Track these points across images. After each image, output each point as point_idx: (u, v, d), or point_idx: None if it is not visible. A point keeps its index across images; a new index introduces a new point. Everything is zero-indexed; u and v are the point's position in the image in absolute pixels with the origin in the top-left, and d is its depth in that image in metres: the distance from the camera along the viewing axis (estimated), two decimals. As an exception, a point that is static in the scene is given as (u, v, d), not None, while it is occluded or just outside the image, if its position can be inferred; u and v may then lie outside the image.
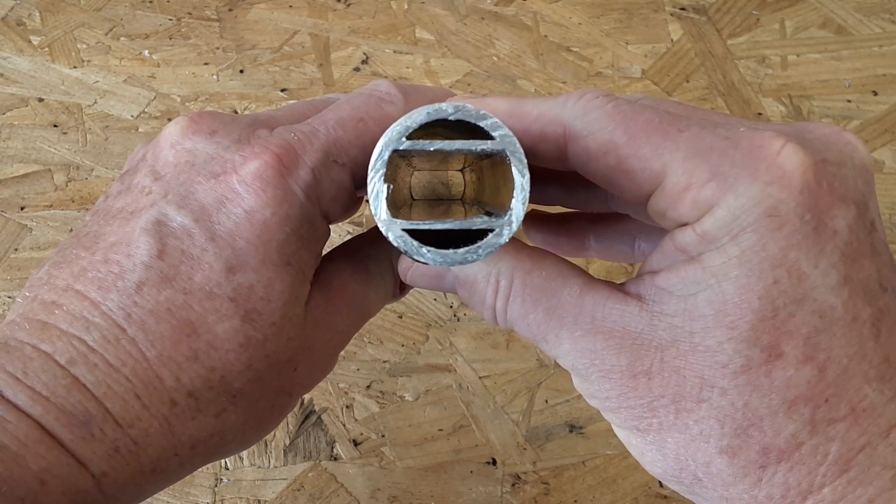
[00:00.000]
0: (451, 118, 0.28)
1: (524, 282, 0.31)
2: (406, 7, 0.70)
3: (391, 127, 0.28)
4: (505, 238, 0.28)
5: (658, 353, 0.28)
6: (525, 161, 0.27)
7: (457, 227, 0.28)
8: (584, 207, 0.40)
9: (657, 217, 0.30)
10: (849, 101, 0.67)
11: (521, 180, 0.27)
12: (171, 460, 0.30)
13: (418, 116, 0.28)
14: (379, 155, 0.28)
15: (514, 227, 0.28)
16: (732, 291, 0.27)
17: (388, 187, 0.28)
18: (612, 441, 0.54)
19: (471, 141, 0.28)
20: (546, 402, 0.55)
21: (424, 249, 0.28)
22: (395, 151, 0.28)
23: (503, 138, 0.28)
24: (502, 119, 0.31)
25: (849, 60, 0.69)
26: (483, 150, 0.28)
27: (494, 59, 0.68)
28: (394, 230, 0.28)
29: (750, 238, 0.26)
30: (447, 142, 0.28)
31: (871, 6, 0.71)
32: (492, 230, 0.28)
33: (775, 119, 0.66)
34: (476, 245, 0.28)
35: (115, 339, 0.29)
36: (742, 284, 0.27)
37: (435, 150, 0.28)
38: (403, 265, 0.36)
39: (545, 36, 0.70)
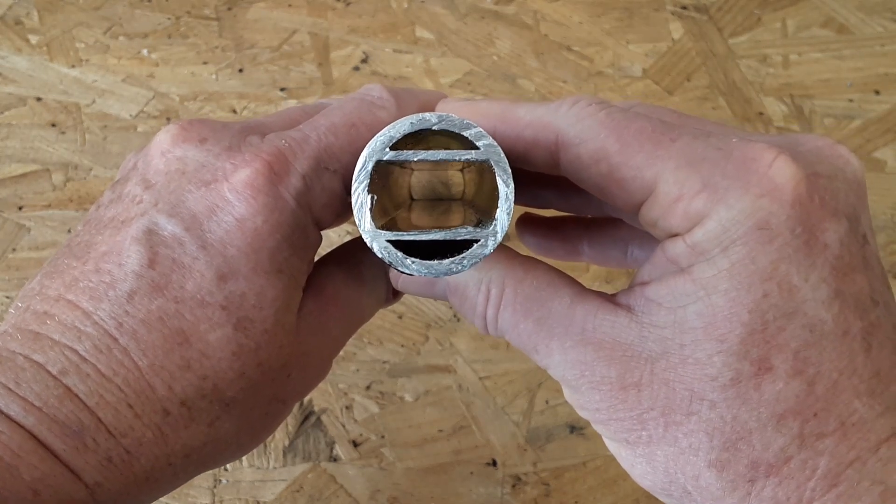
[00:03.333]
0: (434, 128, 0.28)
1: (515, 291, 0.31)
2: (406, 6, 0.70)
3: (375, 138, 0.28)
4: (489, 249, 0.27)
5: (648, 364, 0.28)
6: (510, 171, 0.27)
7: (441, 238, 0.28)
8: (579, 211, 0.40)
9: (648, 226, 0.30)
10: (851, 100, 0.66)
11: (505, 190, 0.27)
12: (164, 469, 0.30)
13: (402, 127, 0.28)
14: (363, 166, 0.28)
15: (499, 237, 0.27)
16: (722, 304, 0.27)
17: (373, 198, 0.28)
18: (612, 442, 0.54)
19: (454, 151, 0.28)
20: (546, 402, 0.55)
21: (409, 261, 0.27)
22: (381, 161, 0.28)
23: (487, 148, 0.27)
24: (494, 124, 0.31)
25: (851, 60, 0.68)
26: (467, 159, 0.28)
27: (494, 58, 0.68)
28: (378, 241, 0.28)
29: (740, 251, 0.26)
30: (430, 152, 0.28)
31: (873, 5, 0.70)
32: (477, 240, 0.28)
33: (777, 118, 0.65)
34: (461, 256, 0.27)
35: (106, 349, 0.29)
36: (732, 297, 0.26)
37: (419, 161, 0.28)
38: (394, 272, 0.36)
39: (545, 35, 0.69)
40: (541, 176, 0.35)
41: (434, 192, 0.41)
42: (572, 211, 0.40)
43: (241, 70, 0.67)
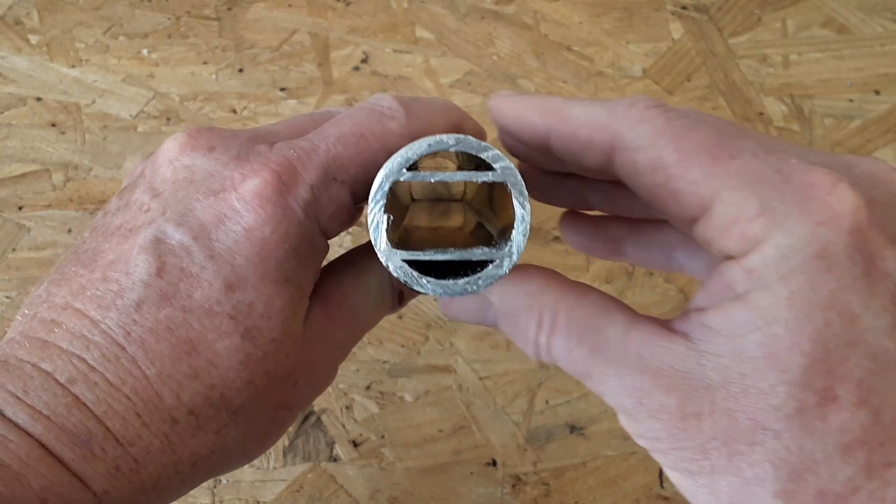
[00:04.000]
0: (452, 150, 0.28)
1: (568, 317, 0.30)
2: (406, 6, 0.70)
3: (391, 158, 0.28)
4: (505, 270, 0.28)
5: (708, 393, 0.27)
6: (526, 193, 0.27)
7: (457, 259, 0.28)
8: (624, 213, 0.40)
9: (703, 244, 0.29)
10: (851, 100, 0.67)
11: (521, 212, 0.27)
12: (172, 478, 0.30)
13: (419, 148, 0.28)
14: (379, 186, 0.28)
15: (515, 258, 0.28)
16: (783, 334, 0.26)
17: (389, 218, 0.28)
18: (613, 442, 0.54)
19: (472, 172, 0.28)
20: (546, 402, 0.55)
21: (424, 280, 0.28)
22: (398, 181, 0.28)
23: (504, 170, 0.28)
24: (547, 121, 0.31)
25: (851, 60, 0.68)
26: (484, 181, 0.28)
27: (494, 58, 0.68)
28: (394, 261, 0.28)
29: (799, 279, 0.26)
30: (448, 173, 0.28)
31: (873, 5, 0.70)
32: (492, 261, 0.28)
33: (777, 118, 0.65)
34: (476, 276, 0.28)
35: (114, 358, 0.29)
36: (793, 327, 0.26)
37: (436, 181, 0.28)
38: (444, 300, 0.35)
39: (545, 35, 0.69)
40: (585, 179, 0.35)
41: (434, 193, 0.41)
42: (617, 213, 0.40)
43: (241, 70, 0.67)
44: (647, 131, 0.29)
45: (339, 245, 0.59)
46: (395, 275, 0.28)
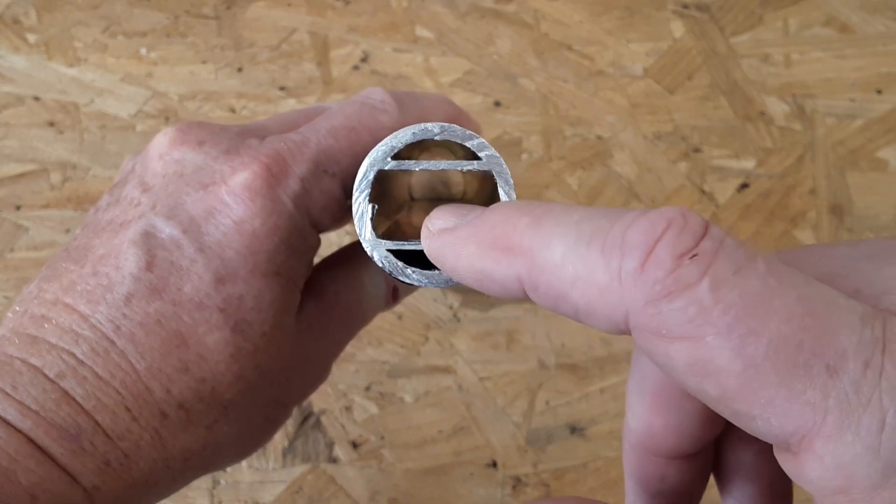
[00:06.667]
0: (437, 138, 0.28)
1: None
2: (405, 5, 0.70)
3: (376, 147, 0.28)
4: None
5: None
6: (511, 182, 0.28)
7: None
8: None
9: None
10: (852, 99, 0.66)
11: (507, 200, 0.27)
12: (163, 473, 0.30)
13: (404, 136, 0.28)
14: (364, 175, 0.28)
15: None
16: None
17: (374, 207, 0.28)
18: (614, 443, 0.54)
19: (456, 161, 0.28)
20: (547, 403, 0.55)
21: (409, 270, 0.28)
22: (382, 170, 0.28)
23: (489, 159, 0.28)
24: (506, 271, 0.23)
25: (853, 59, 0.68)
26: (469, 170, 0.28)
27: (495, 57, 0.68)
28: (379, 251, 0.28)
29: None
30: (432, 163, 0.28)
31: (876, 4, 0.70)
32: None
33: (778, 118, 0.65)
34: None
35: (104, 352, 0.29)
36: None
37: (420, 170, 0.28)
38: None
39: (546, 34, 0.69)
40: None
41: (434, 192, 0.41)
42: None
43: (240, 69, 0.67)
44: (680, 316, 0.19)
45: (339, 245, 0.59)
46: (380, 265, 0.28)
